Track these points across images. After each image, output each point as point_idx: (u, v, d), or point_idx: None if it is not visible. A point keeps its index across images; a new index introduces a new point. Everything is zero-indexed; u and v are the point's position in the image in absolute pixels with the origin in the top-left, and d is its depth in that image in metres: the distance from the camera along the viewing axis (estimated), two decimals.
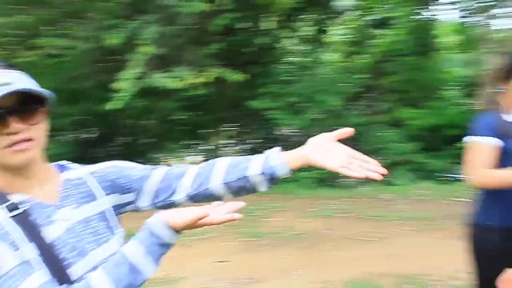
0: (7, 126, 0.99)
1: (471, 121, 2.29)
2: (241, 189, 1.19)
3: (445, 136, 10.65)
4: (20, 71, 1.06)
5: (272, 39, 11.65)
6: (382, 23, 12.97)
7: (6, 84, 0.98)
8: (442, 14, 13.39)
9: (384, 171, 1.09)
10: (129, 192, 1.21)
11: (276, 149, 1.20)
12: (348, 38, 13.92)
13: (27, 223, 1.01)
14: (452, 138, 9.95)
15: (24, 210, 1.02)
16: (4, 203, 1.01)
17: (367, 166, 1.10)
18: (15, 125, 0.99)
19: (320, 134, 1.19)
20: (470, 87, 11.46)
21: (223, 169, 1.20)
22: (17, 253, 0.96)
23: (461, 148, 2.36)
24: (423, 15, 12.95)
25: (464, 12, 12.06)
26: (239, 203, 1.06)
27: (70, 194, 1.12)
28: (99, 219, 1.14)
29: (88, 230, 1.10)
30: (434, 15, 13.17)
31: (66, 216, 1.08)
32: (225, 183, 1.19)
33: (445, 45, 14.06)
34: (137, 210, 1.24)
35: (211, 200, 1.18)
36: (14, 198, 1.03)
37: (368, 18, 13.28)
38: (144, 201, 1.22)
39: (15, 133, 0.99)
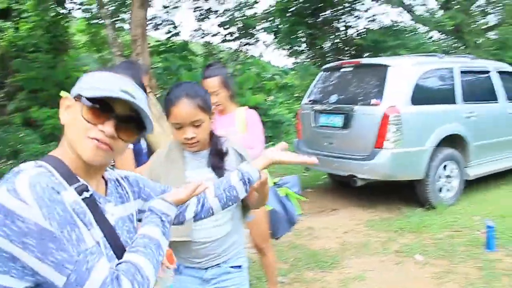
0: (103, 123, 1.09)
1: None
2: (228, 199, 1.55)
3: None
4: (146, 95, 1.18)
5: None
6: (8, 15, 12.13)
7: (131, 94, 1.11)
8: (76, 12, 13.52)
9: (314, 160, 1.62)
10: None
11: (244, 162, 1.66)
12: None
13: (94, 207, 1.11)
14: None
15: (91, 194, 1.11)
16: (74, 183, 1.09)
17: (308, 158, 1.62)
18: (110, 127, 1.09)
19: (269, 148, 1.67)
20: None
21: (211, 187, 1.55)
22: (90, 233, 1.06)
23: None
24: (57, 10, 12.69)
25: (93, 13, 12.62)
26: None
27: (112, 192, 1.25)
28: (129, 220, 1.28)
29: (125, 228, 1.24)
30: (69, 12, 13.08)
31: (111, 210, 1.20)
32: (217, 196, 1.54)
33: (79, 43, 14.30)
34: None
35: (209, 215, 1.55)
36: (82, 182, 1.11)
37: None
38: None
39: (104, 133, 1.09)
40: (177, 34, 12.41)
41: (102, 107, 1.10)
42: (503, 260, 4.09)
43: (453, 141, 5.92)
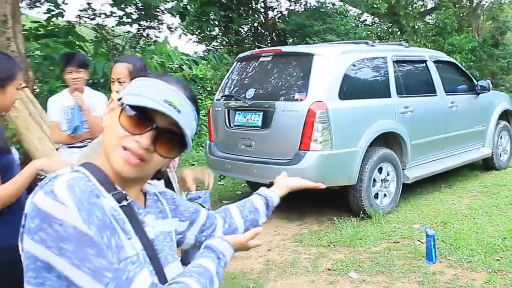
0: (140, 134, 1.19)
1: None
2: (251, 222, 1.76)
3: None
4: (194, 108, 1.30)
5: None
6: None
7: (175, 107, 1.21)
8: None
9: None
10: (185, 221, 1.54)
11: (263, 187, 1.89)
12: None
13: (133, 217, 1.23)
14: None
15: (129, 203, 1.23)
16: (112, 191, 1.20)
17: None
18: (146, 139, 1.19)
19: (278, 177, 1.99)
20: None
21: (236, 209, 1.75)
22: (130, 242, 1.17)
23: None
24: None
25: None
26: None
27: (152, 205, 1.40)
28: (171, 237, 1.43)
29: (166, 243, 1.37)
30: None
31: (151, 223, 1.33)
32: (243, 218, 1.74)
33: None
34: (179, 243, 1.53)
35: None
36: (120, 189, 1.22)
37: None
38: (192, 233, 1.57)
39: (139, 144, 1.19)
40: (60, 14, 11.95)
41: (142, 116, 1.20)
42: (445, 273, 4.37)
43: (388, 140, 6.25)
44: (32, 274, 1.11)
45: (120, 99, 1.25)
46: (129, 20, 12.35)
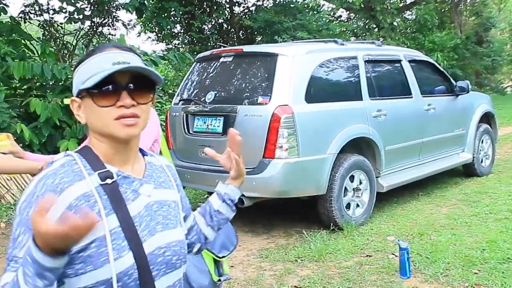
0: (119, 99, 1.41)
1: None
2: (218, 222, 1.84)
3: None
4: (137, 55, 1.49)
5: None
6: None
7: (124, 62, 1.42)
8: None
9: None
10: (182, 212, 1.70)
11: (220, 183, 1.86)
12: None
13: (115, 194, 1.43)
14: None
15: (114, 181, 1.44)
16: (99, 170, 1.43)
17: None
18: (125, 99, 1.41)
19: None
20: None
21: (199, 216, 1.84)
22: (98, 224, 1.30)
23: None
24: None
25: None
26: None
27: (152, 175, 1.59)
28: (172, 206, 1.60)
29: (161, 212, 1.54)
30: None
31: (148, 192, 1.52)
32: (208, 225, 1.83)
33: None
34: None
35: (206, 244, 1.88)
36: (108, 168, 1.45)
37: None
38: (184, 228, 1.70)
39: (125, 107, 1.41)
40: (3, 10, 11.83)
41: (109, 88, 1.42)
42: None
43: (360, 146, 6.34)
44: None
45: (78, 94, 1.46)
46: (81, 16, 12.26)
